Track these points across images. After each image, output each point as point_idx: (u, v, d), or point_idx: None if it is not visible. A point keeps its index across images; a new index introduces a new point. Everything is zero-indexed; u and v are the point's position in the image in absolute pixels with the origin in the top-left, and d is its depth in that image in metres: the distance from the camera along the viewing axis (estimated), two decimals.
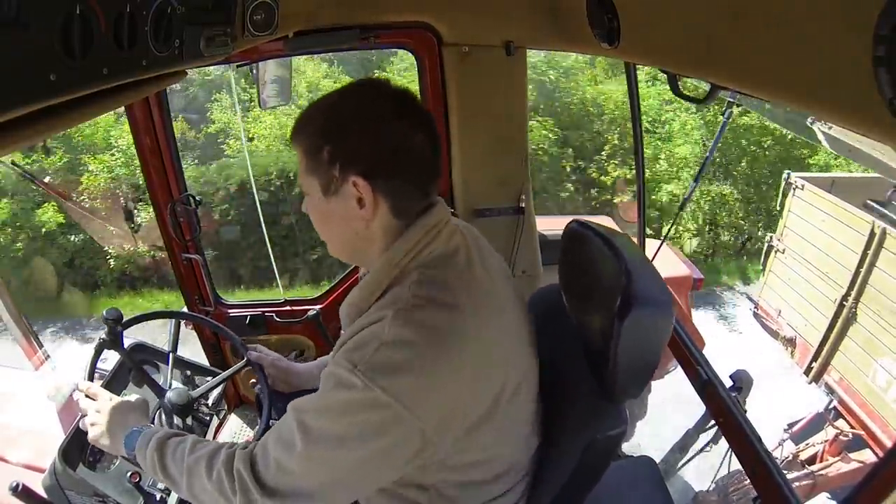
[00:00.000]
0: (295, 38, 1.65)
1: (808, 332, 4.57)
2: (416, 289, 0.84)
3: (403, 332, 0.80)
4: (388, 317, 0.81)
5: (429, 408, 0.79)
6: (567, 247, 1.06)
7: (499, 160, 1.88)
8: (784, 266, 4.93)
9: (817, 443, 4.03)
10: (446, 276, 0.87)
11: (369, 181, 0.85)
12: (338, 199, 0.88)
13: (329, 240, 0.96)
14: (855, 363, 4.10)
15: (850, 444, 3.98)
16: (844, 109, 0.60)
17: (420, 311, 0.82)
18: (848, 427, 4.01)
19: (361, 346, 0.81)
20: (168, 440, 0.98)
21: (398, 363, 0.78)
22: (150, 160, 1.79)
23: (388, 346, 0.79)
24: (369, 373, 0.77)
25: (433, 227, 0.89)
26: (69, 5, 0.53)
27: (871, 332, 4.00)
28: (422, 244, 0.88)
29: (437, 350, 0.80)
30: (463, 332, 0.82)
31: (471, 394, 0.83)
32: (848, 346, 4.19)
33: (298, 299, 2.17)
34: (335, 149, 0.86)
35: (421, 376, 0.79)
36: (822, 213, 4.51)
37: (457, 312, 0.83)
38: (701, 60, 0.86)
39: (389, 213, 0.89)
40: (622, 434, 0.93)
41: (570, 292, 1.07)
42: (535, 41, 1.82)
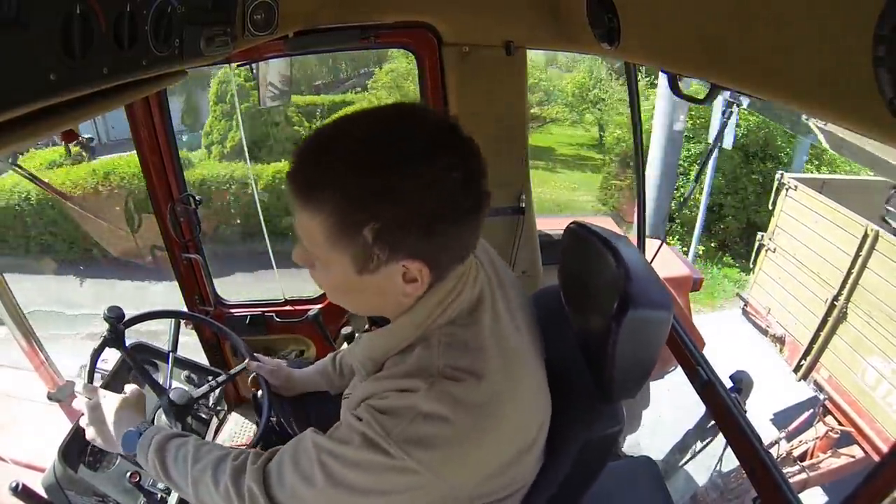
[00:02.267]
0: (295, 38, 1.65)
1: (798, 330, 4.62)
2: (447, 358, 0.75)
3: (439, 408, 0.71)
4: (422, 389, 0.72)
5: (464, 476, 0.76)
6: (566, 248, 1.07)
7: (499, 160, 1.88)
8: (774, 265, 4.99)
9: (809, 440, 4.08)
10: (475, 338, 0.78)
11: (430, 264, 0.72)
12: (375, 277, 0.73)
13: (348, 305, 0.84)
14: (844, 362, 4.16)
15: (840, 441, 4.03)
16: (844, 109, 0.60)
17: (454, 384, 0.73)
18: (837, 424, 4.06)
19: (394, 414, 0.73)
20: (168, 442, 0.96)
21: (434, 438, 0.71)
22: (150, 160, 1.79)
23: (423, 420, 0.71)
24: (404, 445, 0.70)
25: (459, 280, 0.80)
26: (69, 5, 0.53)
27: (860, 332, 4.05)
28: (448, 299, 0.78)
29: (473, 423, 0.73)
30: (498, 401, 0.75)
31: (508, 455, 0.79)
32: (837, 344, 4.24)
33: (298, 299, 2.17)
34: (383, 230, 0.68)
35: (458, 450, 0.73)
36: (813, 214, 4.57)
37: (491, 381, 0.75)
38: (701, 60, 0.86)
39: (431, 277, 0.76)
40: (618, 433, 0.93)
41: (568, 293, 1.07)
42: (535, 41, 1.82)
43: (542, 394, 0.86)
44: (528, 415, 0.81)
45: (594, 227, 1.00)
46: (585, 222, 1.03)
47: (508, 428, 0.77)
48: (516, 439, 0.80)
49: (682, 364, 1.73)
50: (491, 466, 0.77)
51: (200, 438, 0.98)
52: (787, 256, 4.81)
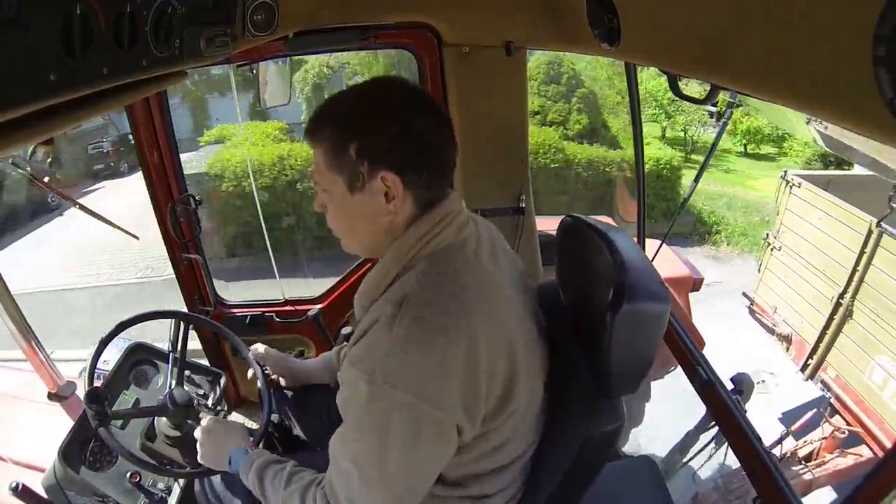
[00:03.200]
0: (295, 38, 1.65)
1: (805, 328, 4.58)
2: (423, 279, 0.85)
3: (411, 329, 0.80)
4: (397, 314, 0.81)
5: (450, 398, 0.80)
6: (562, 241, 1.06)
7: (499, 160, 1.88)
8: (780, 263, 4.95)
9: (814, 440, 4.04)
10: (454, 265, 0.88)
11: (400, 175, 0.85)
12: (364, 195, 0.87)
13: (349, 235, 0.95)
14: (851, 360, 4.12)
15: (847, 441, 3.99)
16: (844, 109, 0.60)
17: (426, 304, 0.82)
18: (844, 424, 4.02)
19: (373, 348, 0.82)
20: (268, 467, 1.03)
21: (411, 362, 0.79)
22: (150, 160, 1.79)
23: (398, 346, 0.79)
24: (388, 379, 0.78)
25: (444, 217, 0.90)
26: (69, 5, 0.53)
27: (867, 330, 4.01)
28: (431, 234, 0.89)
29: (445, 340, 0.80)
30: (470, 315, 0.82)
31: (487, 375, 0.83)
32: (844, 343, 4.21)
33: (298, 299, 2.18)
34: (363, 144, 0.85)
35: (435, 368, 0.79)
36: (818, 211, 4.53)
37: (463, 298, 0.84)
38: (701, 60, 0.86)
39: (414, 205, 0.89)
40: (619, 430, 0.92)
41: (565, 287, 1.07)
42: (535, 41, 1.82)
43: (525, 341, 0.90)
44: (500, 342, 0.85)
45: (589, 219, 1.00)
46: (580, 216, 1.03)
47: (479, 346, 0.81)
48: (491, 367, 0.83)
49: (681, 364, 1.73)
50: (468, 389, 0.81)
51: (297, 466, 1.02)
52: (793, 254, 4.77)
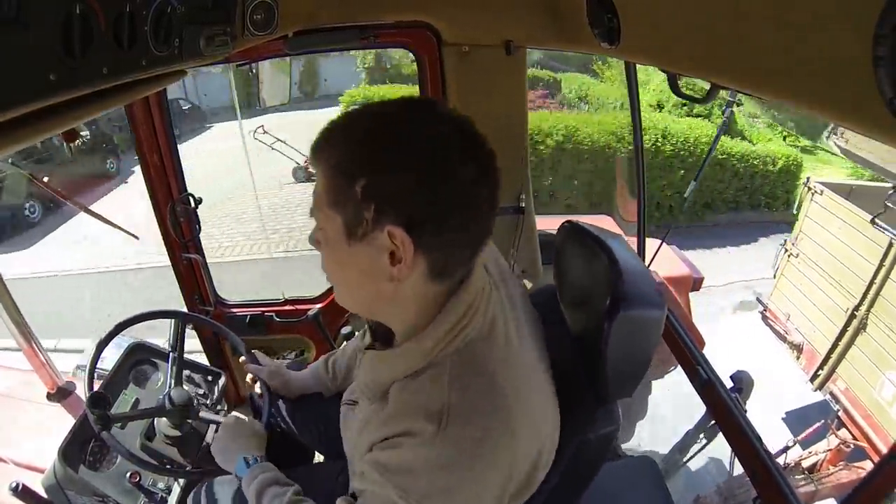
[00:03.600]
0: (295, 38, 1.65)
1: (817, 338, 4.54)
2: (458, 391, 0.72)
3: (453, 453, 0.70)
4: (433, 434, 0.70)
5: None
6: (560, 247, 1.07)
7: (498, 160, 1.87)
8: (796, 271, 4.90)
9: (820, 451, 4.01)
10: (488, 363, 0.75)
11: (412, 235, 0.67)
12: (363, 248, 0.70)
13: (341, 287, 0.80)
14: (862, 374, 4.08)
15: (853, 455, 3.96)
16: (844, 109, 0.60)
17: (467, 420, 0.71)
18: (850, 437, 3.99)
19: (408, 464, 0.72)
20: (269, 487, 1.00)
21: (452, 486, 0.71)
22: (150, 160, 1.79)
23: (438, 469, 0.71)
24: (422, 499, 0.71)
25: (471, 305, 0.76)
26: (69, 5, 0.53)
27: (880, 345, 3.97)
28: (459, 327, 0.75)
29: (490, 460, 0.72)
30: (511, 430, 0.73)
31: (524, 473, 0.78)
32: (856, 356, 4.16)
33: (298, 299, 2.17)
34: (372, 182, 0.67)
35: (475, 488, 0.73)
36: (838, 220, 4.47)
37: (502, 408, 0.73)
38: (701, 60, 0.86)
39: (426, 276, 0.72)
40: (615, 433, 0.93)
41: (563, 292, 1.08)
42: (535, 41, 1.82)
43: (549, 406, 0.84)
44: (538, 434, 0.80)
45: (588, 226, 1.00)
46: (579, 221, 1.03)
47: (521, 451, 0.76)
48: (529, 457, 0.78)
49: (682, 364, 1.73)
50: (509, 491, 0.77)
51: (299, 491, 1.00)
52: (810, 262, 4.73)
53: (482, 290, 0.78)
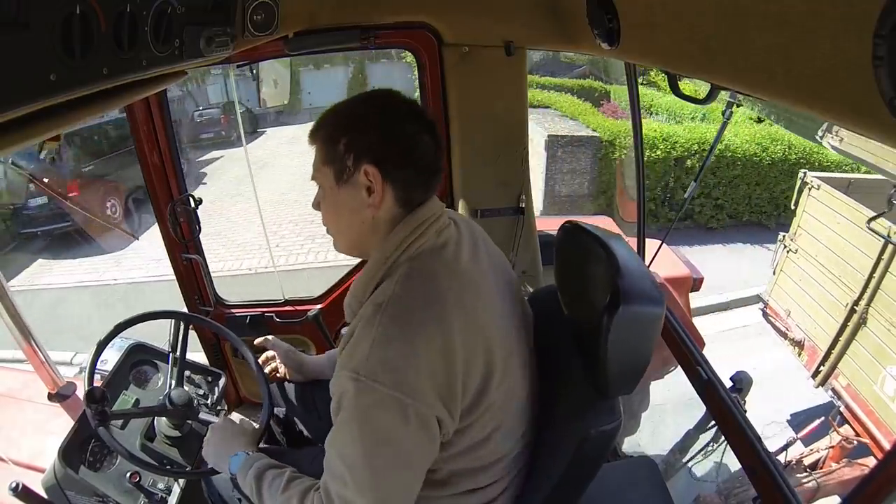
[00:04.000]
0: (295, 38, 1.65)
1: (818, 334, 4.51)
2: (402, 282, 0.90)
3: (390, 328, 0.85)
4: (377, 314, 0.87)
5: (428, 391, 0.84)
6: (561, 246, 1.08)
7: (499, 160, 1.88)
8: (795, 266, 4.84)
9: (821, 448, 3.99)
10: (433, 267, 0.93)
11: (379, 168, 0.92)
12: (348, 188, 0.94)
13: (337, 231, 1.02)
14: (863, 369, 4.05)
15: (855, 451, 3.94)
16: (844, 109, 0.60)
17: (405, 305, 0.88)
18: (853, 434, 3.97)
19: (356, 348, 0.87)
20: (266, 471, 1.04)
21: (391, 358, 0.84)
22: (150, 160, 1.79)
23: (378, 344, 0.84)
24: (371, 375, 0.83)
25: (424, 222, 0.95)
26: (69, 5, 0.53)
27: (881, 339, 3.94)
28: (411, 238, 0.94)
29: (421, 337, 0.85)
30: (445, 315, 0.87)
31: (463, 371, 0.87)
32: (857, 351, 4.13)
33: (298, 299, 2.18)
34: (350, 140, 0.93)
35: (413, 365, 0.84)
36: (837, 215, 4.43)
37: (439, 299, 0.89)
38: (701, 60, 0.87)
39: (395, 204, 0.95)
40: (616, 429, 0.94)
41: (564, 290, 1.08)
42: (535, 41, 1.82)
43: (503, 336, 0.94)
44: (477, 338, 0.89)
45: (587, 225, 1.01)
46: (579, 221, 1.04)
47: (456, 343, 0.86)
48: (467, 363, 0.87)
49: (681, 364, 1.73)
50: (446, 382, 0.85)
51: (295, 470, 1.04)
52: (809, 258, 4.69)
53: (437, 217, 0.97)
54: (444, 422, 0.87)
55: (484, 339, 0.90)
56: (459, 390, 0.87)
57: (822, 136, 4.14)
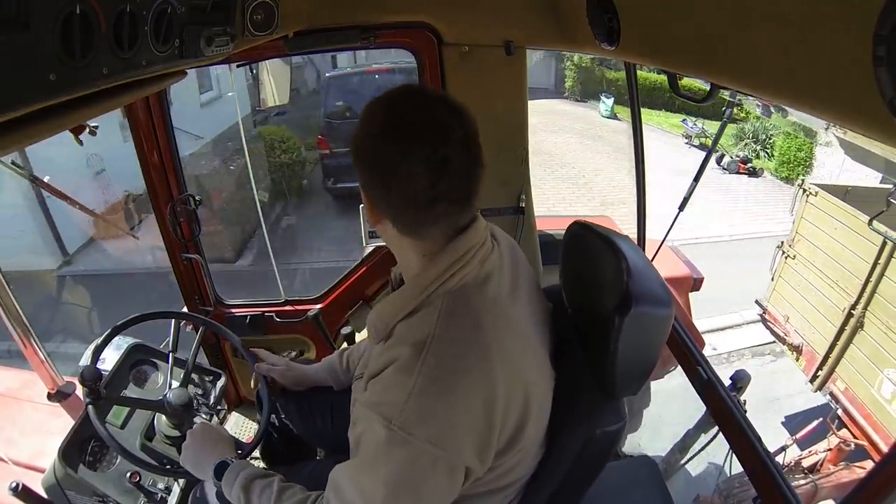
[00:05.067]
0: (295, 38, 1.65)
1: (816, 339, 4.55)
2: (444, 323, 0.82)
3: (431, 376, 0.79)
4: (417, 360, 0.80)
5: (463, 444, 0.80)
6: (568, 247, 1.07)
7: (499, 160, 1.88)
8: (794, 272, 4.90)
9: (820, 451, 4.01)
10: (476, 306, 0.85)
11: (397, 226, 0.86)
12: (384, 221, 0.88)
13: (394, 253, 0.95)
14: (861, 373, 4.08)
15: (853, 454, 3.95)
16: (844, 109, 0.60)
17: (447, 350, 0.80)
18: (851, 437, 3.99)
19: (390, 393, 0.80)
20: (254, 482, 1.00)
21: (429, 410, 0.78)
22: (150, 160, 1.79)
23: (416, 394, 0.78)
24: (406, 426, 0.77)
25: (468, 251, 0.86)
26: (69, 5, 0.53)
27: (878, 344, 3.97)
28: (453, 269, 0.85)
29: (465, 389, 0.79)
30: (489, 363, 0.81)
31: (501, 421, 0.82)
32: (854, 355, 4.17)
33: (298, 299, 2.17)
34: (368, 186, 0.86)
35: (453, 417, 0.79)
36: (834, 221, 4.48)
37: (483, 344, 0.82)
38: (701, 60, 0.86)
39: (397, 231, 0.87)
40: (621, 429, 0.94)
41: (570, 291, 1.08)
42: (535, 41, 1.82)
43: (540, 369, 0.90)
44: (516, 387, 0.84)
45: (596, 226, 1.01)
46: (587, 222, 1.04)
47: (497, 396, 0.81)
48: (506, 413, 0.82)
49: (682, 364, 1.73)
50: (484, 434, 0.81)
51: (284, 480, 1.01)
52: (807, 264, 4.74)
53: (480, 245, 0.89)
54: (473, 470, 0.83)
55: (523, 386, 0.85)
56: (496, 440, 0.83)
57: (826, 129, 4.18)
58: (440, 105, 0.84)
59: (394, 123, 0.81)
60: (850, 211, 4.36)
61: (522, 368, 0.86)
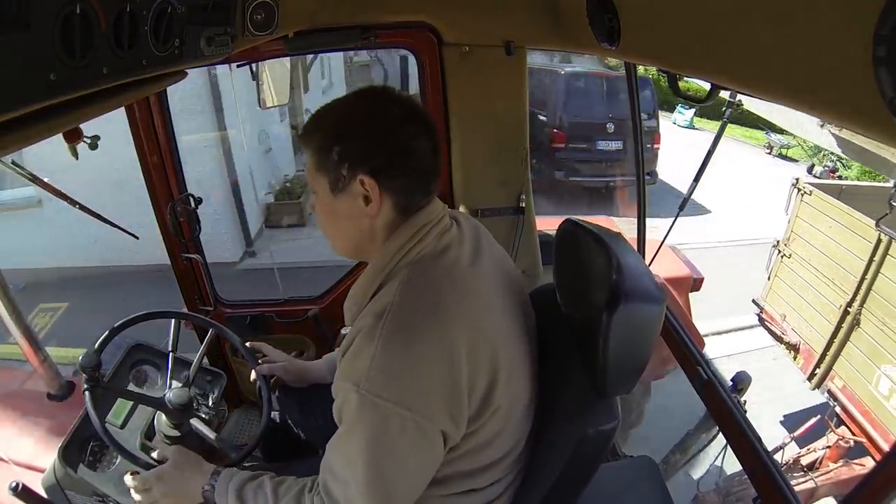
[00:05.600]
0: (295, 38, 1.65)
1: (813, 337, 4.55)
2: (402, 290, 0.88)
3: (391, 341, 0.83)
4: (378, 326, 0.84)
5: (432, 404, 0.83)
6: (560, 245, 1.08)
7: (499, 160, 1.88)
8: (789, 271, 4.91)
9: (819, 448, 4.01)
10: (432, 275, 0.91)
11: (376, 178, 0.90)
12: (345, 197, 0.92)
13: (334, 237, 1.00)
14: (858, 370, 4.08)
15: (852, 452, 3.96)
16: (844, 109, 0.60)
17: (405, 315, 0.85)
18: (850, 434, 3.99)
19: (356, 360, 0.85)
20: (245, 486, 0.99)
21: (393, 372, 0.82)
22: (150, 160, 1.79)
23: (379, 357, 0.82)
24: (372, 390, 0.81)
25: (423, 226, 0.93)
26: (69, 5, 0.53)
27: (875, 340, 3.97)
28: (411, 243, 0.92)
29: (424, 349, 0.84)
30: (447, 324, 0.85)
31: (468, 381, 0.85)
32: (852, 352, 4.17)
33: (298, 299, 2.18)
34: (344, 148, 0.90)
35: (417, 377, 0.83)
36: (829, 220, 4.49)
37: (441, 307, 0.87)
38: (701, 60, 0.86)
39: (393, 210, 0.93)
40: (615, 428, 0.94)
41: (563, 289, 1.08)
42: (535, 41, 1.82)
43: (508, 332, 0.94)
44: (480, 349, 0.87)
45: (587, 224, 1.01)
46: (579, 220, 1.04)
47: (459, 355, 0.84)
48: (472, 374, 0.85)
49: (681, 364, 1.73)
50: (451, 396, 0.84)
51: (273, 475, 1.00)
52: (803, 262, 4.74)
53: (437, 220, 0.95)
54: (449, 434, 0.86)
55: (488, 345, 0.88)
56: (465, 400, 0.86)
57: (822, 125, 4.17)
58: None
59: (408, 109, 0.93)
60: (844, 209, 4.38)
61: (485, 329, 0.89)
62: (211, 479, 1.06)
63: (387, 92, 0.97)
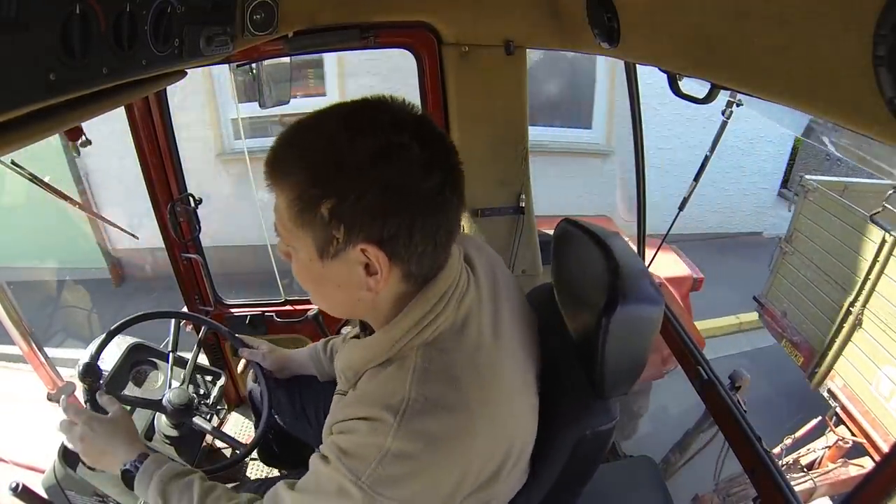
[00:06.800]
0: (295, 38, 1.65)
1: (814, 336, 4.55)
2: (419, 383, 0.72)
3: (407, 446, 0.70)
4: (391, 425, 0.70)
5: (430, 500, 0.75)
6: (557, 245, 1.07)
7: (499, 160, 1.88)
8: (792, 269, 4.91)
9: (818, 448, 4.01)
10: (453, 362, 0.75)
11: (384, 250, 0.68)
12: (337, 264, 0.71)
13: (319, 301, 0.81)
14: (859, 370, 4.07)
15: (851, 452, 3.95)
16: (844, 109, 0.60)
17: (425, 417, 0.71)
18: (849, 434, 3.99)
19: (362, 450, 0.72)
20: (171, 483, 0.93)
21: (403, 475, 0.71)
22: (150, 160, 1.79)
23: (391, 459, 0.70)
24: (375, 486, 0.70)
25: (442, 297, 0.76)
26: (69, 5, 0.53)
27: (876, 340, 3.96)
28: (427, 319, 0.75)
29: (443, 457, 0.72)
30: (470, 435, 0.73)
31: (473, 482, 0.77)
32: (852, 352, 4.16)
33: (298, 299, 2.17)
34: (339, 207, 0.66)
35: (426, 482, 0.73)
36: (832, 218, 4.48)
37: (464, 411, 0.73)
38: (701, 60, 0.86)
39: (403, 282, 0.74)
40: (612, 430, 0.93)
41: (560, 289, 1.08)
42: (535, 41, 1.82)
43: (523, 416, 0.84)
44: (504, 433, 0.79)
45: (585, 223, 1.00)
46: (576, 219, 1.03)
47: (476, 457, 0.75)
48: (493, 456, 0.78)
49: (681, 364, 1.73)
50: (464, 490, 0.76)
51: (204, 477, 0.95)
52: (805, 260, 4.74)
53: (455, 284, 0.78)
54: None
55: (506, 440, 0.78)
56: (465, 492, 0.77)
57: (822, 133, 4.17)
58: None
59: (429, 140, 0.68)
60: (848, 207, 4.37)
61: (506, 423, 0.78)
62: (136, 461, 0.99)
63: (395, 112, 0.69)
